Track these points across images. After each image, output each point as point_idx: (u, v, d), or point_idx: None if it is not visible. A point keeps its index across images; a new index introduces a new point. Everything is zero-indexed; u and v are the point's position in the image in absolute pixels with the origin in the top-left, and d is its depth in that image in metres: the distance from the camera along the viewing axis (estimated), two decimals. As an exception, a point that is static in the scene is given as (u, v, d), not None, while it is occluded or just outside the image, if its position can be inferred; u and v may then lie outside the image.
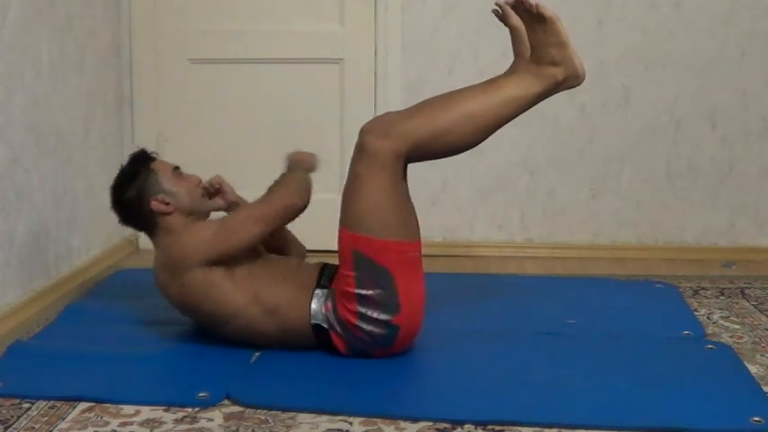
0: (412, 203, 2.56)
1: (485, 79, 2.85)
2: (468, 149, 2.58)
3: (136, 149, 2.80)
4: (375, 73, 3.93)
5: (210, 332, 2.67)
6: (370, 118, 3.76)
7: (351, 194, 2.49)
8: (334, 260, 2.61)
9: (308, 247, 2.96)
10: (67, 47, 3.40)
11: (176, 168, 2.76)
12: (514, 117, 2.55)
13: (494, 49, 3.81)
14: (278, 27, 3.97)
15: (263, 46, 3.97)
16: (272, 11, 3.96)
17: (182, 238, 2.60)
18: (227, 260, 2.55)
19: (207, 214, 2.76)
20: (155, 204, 2.66)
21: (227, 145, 4.01)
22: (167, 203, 2.66)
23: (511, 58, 2.79)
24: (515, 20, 2.69)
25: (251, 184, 2.94)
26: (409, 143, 2.45)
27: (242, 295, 2.54)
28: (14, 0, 2.97)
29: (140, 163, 2.73)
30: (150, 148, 2.82)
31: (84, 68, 3.56)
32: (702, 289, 3.35)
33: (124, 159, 3.94)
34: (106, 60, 3.82)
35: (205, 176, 4.00)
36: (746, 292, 3.31)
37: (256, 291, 2.55)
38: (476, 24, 3.87)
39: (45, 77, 3.21)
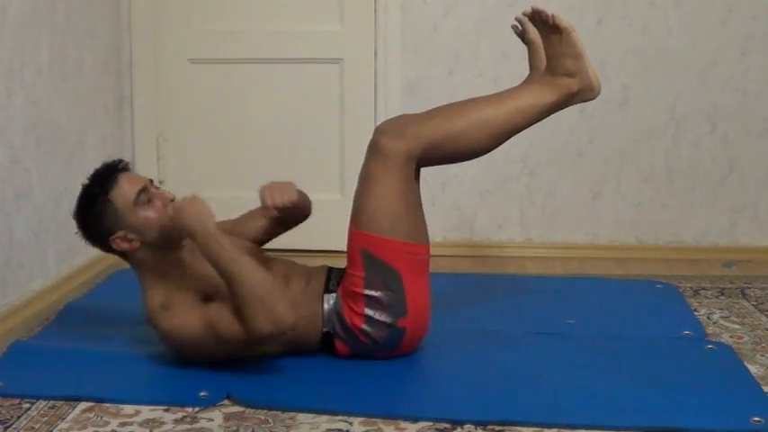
0: (422, 207, 2.55)
1: (485, 80, 2.86)
2: (480, 155, 2.59)
3: (99, 166, 2.49)
4: (375, 73, 3.93)
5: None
6: (371, 118, 3.82)
7: (363, 194, 2.49)
8: (337, 260, 2.61)
9: (311, 247, 2.96)
10: (67, 47, 3.40)
11: (142, 191, 2.41)
12: (528, 126, 2.58)
13: (494, 49, 3.82)
14: (278, 27, 3.97)
15: (263, 46, 3.97)
16: (272, 11, 3.97)
17: (170, 322, 2.37)
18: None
19: (181, 238, 2.45)
20: (116, 244, 2.42)
21: (227, 145, 4.01)
22: (131, 240, 2.42)
23: (512, 57, 2.80)
24: (533, 35, 2.71)
25: (251, 184, 2.94)
26: (423, 144, 2.45)
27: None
28: (14, 0, 2.97)
29: (97, 194, 2.41)
30: (116, 158, 2.52)
31: (83, 68, 3.56)
32: (702, 289, 3.35)
33: (124, 159, 3.97)
34: (106, 60, 3.82)
35: (205, 177, 4.01)
36: (746, 292, 3.31)
37: None
38: (476, 24, 3.87)
39: (45, 77, 3.21)
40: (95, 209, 2.41)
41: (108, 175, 2.44)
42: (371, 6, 3.90)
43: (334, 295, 2.51)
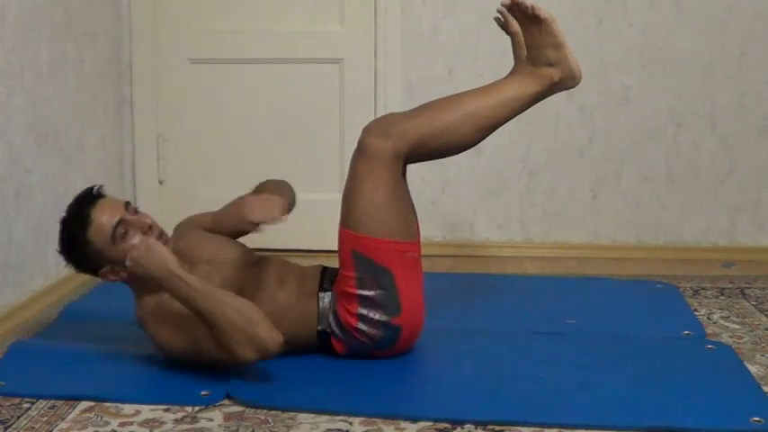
0: (412, 203, 2.56)
1: (485, 80, 2.86)
2: (467, 149, 2.59)
3: (72, 200, 2.50)
4: (375, 73, 3.93)
5: None
6: (371, 118, 3.80)
7: (350, 194, 2.49)
8: (334, 260, 2.61)
9: (309, 247, 2.95)
10: (67, 47, 3.40)
11: (118, 225, 2.40)
12: (513, 116, 2.57)
13: (494, 49, 3.82)
14: (278, 27, 3.97)
15: (263, 46, 3.97)
16: (272, 11, 3.97)
17: (157, 333, 2.40)
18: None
19: None
20: (106, 277, 2.47)
21: (227, 145, 4.01)
22: (117, 273, 2.44)
23: (511, 58, 2.79)
24: (515, 26, 2.70)
25: (251, 184, 2.94)
26: (409, 142, 2.46)
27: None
28: (14, 0, 2.97)
29: (75, 235, 2.43)
30: (86, 186, 2.50)
31: (84, 68, 3.56)
32: (702, 289, 3.35)
33: (124, 160, 3.98)
34: (106, 60, 3.82)
35: (205, 177, 4.01)
36: (746, 292, 3.31)
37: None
38: (476, 24, 3.87)
39: (45, 77, 3.21)
40: (77, 250, 2.45)
41: (81, 212, 2.44)
42: (371, 6, 3.90)
43: (329, 294, 2.51)
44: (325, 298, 2.51)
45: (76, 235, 2.43)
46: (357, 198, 2.47)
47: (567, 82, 2.56)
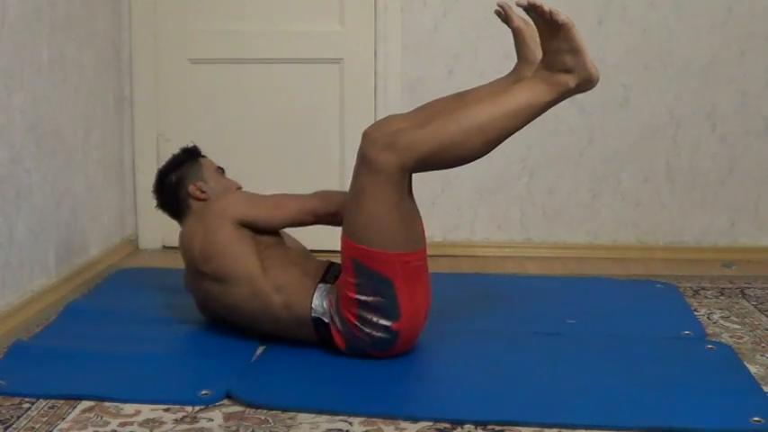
0: (417, 210, 2.52)
1: (485, 80, 2.84)
2: (474, 160, 2.49)
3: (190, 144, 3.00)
4: (375, 73, 3.93)
5: (211, 303, 2.70)
6: (371, 118, 3.82)
7: (354, 206, 2.45)
8: (338, 259, 2.61)
9: (311, 247, 2.95)
10: (67, 47, 3.40)
11: (219, 168, 2.93)
12: (524, 126, 2.47)
13: (494, 49, 3.82)
14: (278, 27, 3.97)
15: (263, 46, 3.97)
16: (272, 11, 3.97)
17: (226, 195, 2.77)
18: (256, 228, 2.66)
19: None
20: (192, 189, 2.83)
21: (228, 145, 4.00)
22: (203, 192, 2.83)
23: (512, 59, 2.79)
24: (518, 21, 2.67)
25: (251, 184, 2.95)
26: (416, 157, 2.38)
27: (258, 262, 2.58)
28: (14, 0, 2.97)
29: (189, 154, 2.94)
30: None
31: (84, 68, 3.56)
32: (702, 289, 3.35)
33: (124, 160, 3.99)
34: (106, 60, 3.82)
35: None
36: (746, 292, 3.31)
37: (271, 264, 2.60)
38: (476, 24, 3.87)
39: (45, 77, 3.21)
40: (188, 163, 2.90)
41: (197, 149, 2.97)
42: (371, 6, 3.90)
43: (328, 286, 2.54)
44: (324, 290, 2.53)
45: (193, 155, 2.93)
46: (361, 211, 2.43)
47: (584, 86, 2.42)
